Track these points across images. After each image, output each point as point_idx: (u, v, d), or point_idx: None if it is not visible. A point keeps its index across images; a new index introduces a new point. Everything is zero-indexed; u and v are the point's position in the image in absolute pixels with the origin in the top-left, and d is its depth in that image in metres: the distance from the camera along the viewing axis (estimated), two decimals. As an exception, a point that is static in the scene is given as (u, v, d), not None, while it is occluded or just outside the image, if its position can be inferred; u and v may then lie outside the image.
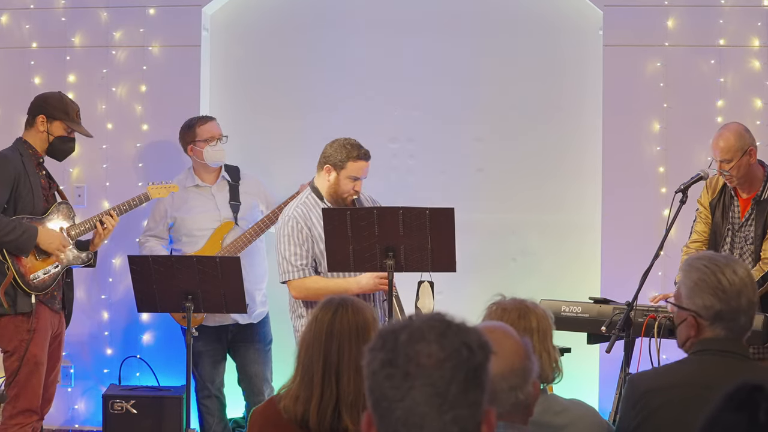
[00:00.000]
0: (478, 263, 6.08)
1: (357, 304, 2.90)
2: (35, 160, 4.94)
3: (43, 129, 4.94)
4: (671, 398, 2.74)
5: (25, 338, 4.75)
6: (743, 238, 4.88)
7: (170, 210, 5.57)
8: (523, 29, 6.21)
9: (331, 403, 2.80)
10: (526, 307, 2.81)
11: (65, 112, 4.98)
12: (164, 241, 5.63)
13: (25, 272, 4.79)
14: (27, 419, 4.81)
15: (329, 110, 6.24)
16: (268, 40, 6.33)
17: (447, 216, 4.54)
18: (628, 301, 4.31)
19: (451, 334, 1.63)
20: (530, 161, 6.21)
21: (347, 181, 4.86)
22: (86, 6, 6.22)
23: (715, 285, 2.75)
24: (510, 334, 2.33)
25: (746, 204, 4.91)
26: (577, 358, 4.70)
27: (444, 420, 1.60)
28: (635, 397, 2.78)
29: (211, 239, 5.50)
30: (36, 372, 4.81)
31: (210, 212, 5.55)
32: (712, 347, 2.77)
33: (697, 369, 2.78)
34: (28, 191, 4.84)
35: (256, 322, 5.59)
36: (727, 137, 4.84)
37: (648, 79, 5.98)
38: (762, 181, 4.89)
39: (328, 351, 2.82)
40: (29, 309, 4.77)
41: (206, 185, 5.60)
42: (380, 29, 6.28)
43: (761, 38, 5.92)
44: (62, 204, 5.02)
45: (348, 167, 4.85)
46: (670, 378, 2.81)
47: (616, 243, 5.95)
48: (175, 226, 5.59)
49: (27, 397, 4.80)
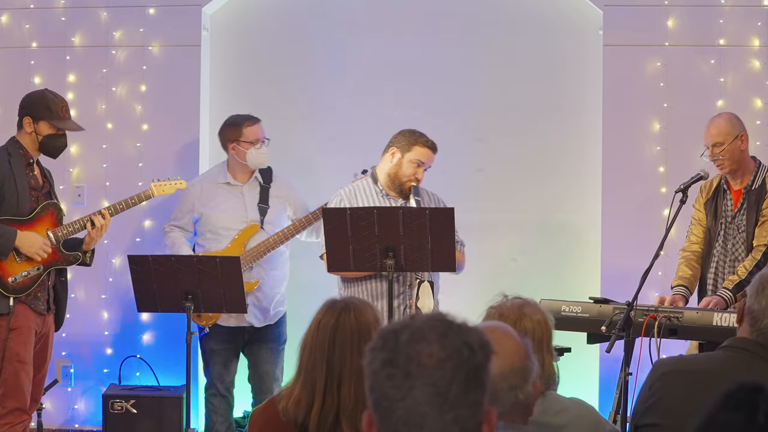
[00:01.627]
0: (479, 263, 6.08)
1: (360, 306, 2.89)
2: (25, 161, 4.87)
3: (30, 130, 4.88)
4: (686, 383, 2.81)
5: (2, 336, 4.71)
6: (735, 227, 4.92)
7: (197, 204, 5.52)
8: (523, 29, 6.21)
9: (332, 411, 2.80)
10: (522, 313, 2.79)
11: (49, 110, 4.89)
12: (188, 233, 5.59)
13: (2, 274, 4.75)
14: (17, 418, 4.79)
15: (329, 110, 6.24)
16: (268, 40, 6.33)
17: (447, 216, 4.54)
18: (628, 301, 4.31)
19: (452, 334, 1.63)
20: (530, 161, 6.21)
21: (410, 164, 4.96)
22: (86, 6, 6.22)
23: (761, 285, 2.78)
24: (510, 334, 2.33)
25: (738, 195, 4.96)
26: (577, 358, 4.70)
27: (445, 420, 1.60)
28: (653, 378, 2.89)
29: (236, 241, 5.44)
30: (22, 370, 4.76)
31: (237, 212, 5.49)
32: (736, 345, 2.83)
33: (719, 361, 2.85)
34: (13, 193, 4.78)
35: (273, 322, 5.58)
36: (718, 122, 4.94)
37: (648, 78, 5.98)
38: (753, 171, 4.95)
39: (331, 357, 2.81)
40: (6, 310, 4.73)
41: (238, 184, 5.54)
42: (380, 29, 6.28)
43: (761, 38, 5.92)
44: (50, 204, 4.94)
45: (414, 150, 4.97)
46: (689, 365, 2.91)
47: (616, 243, 5.95)
48: (201, 221, 5.53)
49: (15, 396, 4.76)
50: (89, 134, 6.21)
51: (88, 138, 6.20)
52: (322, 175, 6.09)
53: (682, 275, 5.00)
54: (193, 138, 6.20)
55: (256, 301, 5.44)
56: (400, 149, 4.98)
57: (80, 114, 6.21)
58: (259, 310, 5.48)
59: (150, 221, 6.20)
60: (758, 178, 4.93)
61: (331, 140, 6.19)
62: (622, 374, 4.25)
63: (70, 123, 5.01)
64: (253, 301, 5.40)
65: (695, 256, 5.04)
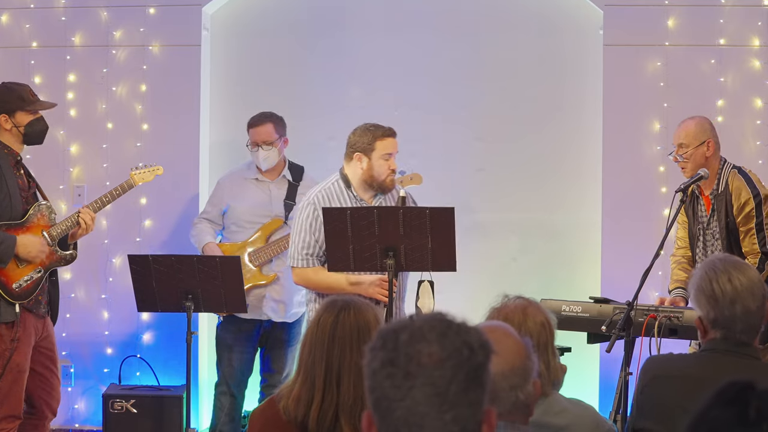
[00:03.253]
0: (479, 263, 6.08)
1: (359, 305, 2.90)
2: (12, 160, 4.83)
3: (9, 126, 4.82)
4: (676, 386, 2.89)
5: (9, 347, 4.69)
6: (711, 234, 4.90)
7: (226, 197, 5.61)
8: (523, 29, 6.21)
9: (331, 408, 2.80)
10: (525, 315, 2.78)
11: (21, 99, 4.85)
12: (218, 226, 5.66)
13: (6, 281, 4.73)
14: (9, 425, 4.81)
15: (329, 110, 6.24)
16: (268, 40, 6.33)
17: (447, 216, 4.53)
18: (629, 301, 4.31)
19: (452, 333, 1.63)
20: (530, 161, 6.21)
21: (380, 162, 4.81)
22: (86, 5, 6.22)
23: (710, 293, 2.87)
24: (510, 333, 2.33)
25: (708, 201, 4.92)
26: (577, 357, 4.69)
27: (444, 419, 1.60)
28: (644, 380, 2.97)
29: (259, 233, 5.50)
30: (19, 379, 4.77)
31: (263, 205, 5.56)
32: (717, 347, 2.90)
33: (706, 363, 2.92)
34: (5, 196, 4.74)
35: (291, 321, 5.58)
36: (688, 124, 4.90)
37: (648, 78, 5.98)
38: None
39: (330, 355, 2.82)
40: (13, 318, 4.71)
41: (266, 180, 5.61)
42: (380, 29, 6.28)
43: (761, 38, 5.92)
44: (41, 205, 4.90)
45: (377, 147, 4.80)
46: (678, 370, 2.97)
47: (616, 242, 5.95)
48: (228, 213, 5.62)
49: (10, 404, 4.78)
50: (89, 134, 6.23)
51: (88, 138, 6.21)
52: (323, 175, 6.08)
53: (677, 278, 4.99)
54: (193, 138, 6.20)
55: (275, 294, 5.48)
56: (364, 152, 4.80)
57: (80, 114, 6.22)
58: (277, 304, 5.50)
59: (150, 221, 6.20)
60: (722, 181, 4.85)
61: (331, 140, 6.18)
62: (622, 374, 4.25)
63: (44, 103, 4.98)
64: (271, 295, 5.45)
65: (686, 259, 5.03)
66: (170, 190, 6.09)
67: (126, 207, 6.04)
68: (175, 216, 6.19)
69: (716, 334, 2.89)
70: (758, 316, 2.88)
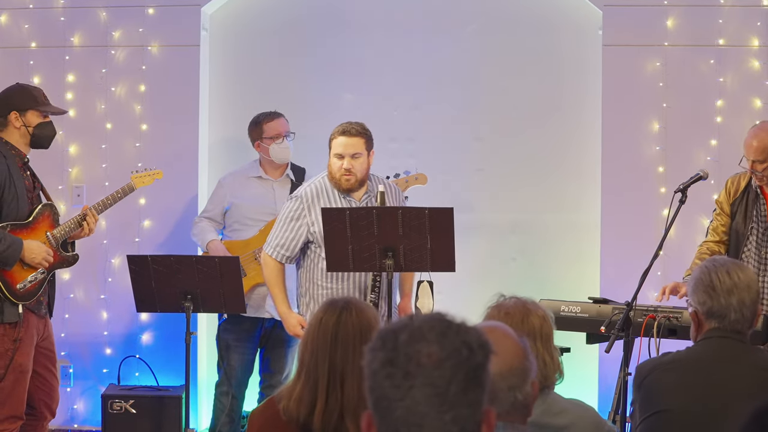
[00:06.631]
0: (478, 263, 6.08)
1: (360, 305, 2.89)
2: (20, 161, 4.84)
3: (19, 124, 4.82)
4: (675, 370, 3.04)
5: (11, 347, 4.69)
6: None
7: (229, 195, 5.60)
8: (522, 29, 6.21)
9: (336, 409, 2.79)
10: (527, 310, 2.81)
11: (34, 98, 4.87)
12: (219, 225, 5.65)
13: (11, 282, 4.73)
14: (11, 425, 4.81)
15: (329, 110, 6.23)
16: (268, 40, 6.33)
17: (446, 216, 4.53)
18: (628, 301, 4.31)
19: (451, 333, 1.63)
20: (530, 161, 6.21)
21: (334, 160, 4.81)
22: (85, 6, 6.22)
23: (708, 283, 3.03)
24: (509, 334, 2.33)
25: None
26: (577, 358, 4.70)
27: (444, 419, 1.60)
28: (640, 378, 3.09)
29: (262, 232, 5.48)
30: (22, 380, 4.78)
31: (266, 204, 5.55)
32: (713, 335, 3.04)
33: (699, 350, 3.07)
34: (13, 196, 4.74)
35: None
36: (762, 137, 4.69)
37: (647, 78, 5.98)
38: None
39: (334, 356, 2.80)
40: (16, 318, 4.71)
41: (269, 178, 5.62)
42: (380, 29, 6.28)
43: (761, 38, 5.92)
44: (46, 206, 4.91)
45: (332, 146, 4.82)
46: (674, 362, 3.08)
47: (615, 243, 5.95)
48: (230, 212, 5.61)
49: (12, 404, 4.78)
50: (89, 134, 6.23)
51: (88, 138, 6.20)
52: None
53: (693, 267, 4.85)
54: (193, 138, 6.20)
55: None
56: (329, 149, 4.84)
57: (79, 114, 6.21)
58: None
59: (149, 221, 6.20)
60: None
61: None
62: (622, 374, 4.25)
63: (55, 107, 5.02)
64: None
65: (710, 252, 4.82)
66: (169, 190, 6.08)
67: (125, 207, 6.03)
68: (174, 216, 6.18)
69: (711, 324, 3.03)
70: (752, 310, 3.03)
